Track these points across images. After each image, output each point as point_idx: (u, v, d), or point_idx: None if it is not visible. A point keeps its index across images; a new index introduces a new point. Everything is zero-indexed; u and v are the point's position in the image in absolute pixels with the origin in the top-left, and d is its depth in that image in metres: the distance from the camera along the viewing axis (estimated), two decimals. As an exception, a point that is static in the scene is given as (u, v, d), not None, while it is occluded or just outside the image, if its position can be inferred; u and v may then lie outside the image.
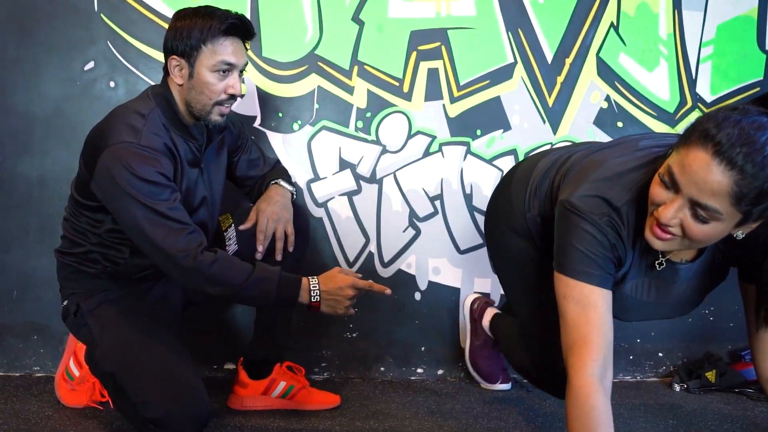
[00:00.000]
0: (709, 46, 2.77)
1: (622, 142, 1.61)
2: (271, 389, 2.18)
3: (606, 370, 1.39)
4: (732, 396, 2.49)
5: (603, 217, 1.42)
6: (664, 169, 1.30)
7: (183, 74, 1.88)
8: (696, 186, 1.23)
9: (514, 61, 2.63)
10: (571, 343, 1.41)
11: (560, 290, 1.45)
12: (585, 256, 1.42)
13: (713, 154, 1.20)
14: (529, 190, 1.75)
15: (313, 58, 2.52)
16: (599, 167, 1.50)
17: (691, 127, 1.28)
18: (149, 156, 1.77)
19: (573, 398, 1.36)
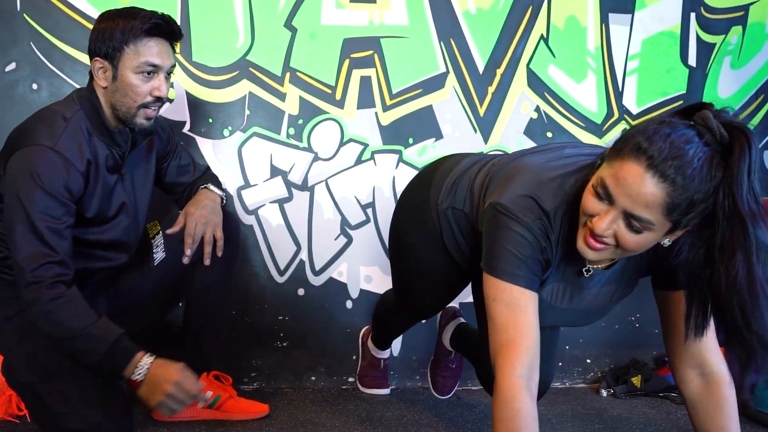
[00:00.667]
0: (635, 60, 2.85)
1: (547, 149, 1.63)
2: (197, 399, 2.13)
3: (533, 373, 1.40)
4: (657, 400, 2.55)
5: (534, 219, 1.43)
6: (597, 180, 1.32)
7: (107, 76, 1.84)
8: (630, 198, 1.26)
9: (446, 70, 2.65)
10: (499, 346, 1.41)
11: (489, 292, 1.45)
12: (515, 257, 1.42)
13: (646, 167, 1.23)
14: (447, 184, 1.75)
15: (245, 64, 2.50)
16: (527, 171, 1.51)
17: (621, 139, 1.31)
18: (59, 164, 1.74)
19: (499, 400, 1.37)
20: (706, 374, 1.53)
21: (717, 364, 1.53)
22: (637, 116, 2.84)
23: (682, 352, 1.55)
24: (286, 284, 2.57)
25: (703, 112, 1.27)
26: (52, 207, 1.73)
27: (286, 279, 2.57)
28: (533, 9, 2.71)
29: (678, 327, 1.54)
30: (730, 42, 2.95)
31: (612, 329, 2.81)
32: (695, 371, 1.55)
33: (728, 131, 1.25)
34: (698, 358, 1.53)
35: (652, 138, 1.24)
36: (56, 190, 1.73)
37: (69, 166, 1.75)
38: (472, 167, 1.73)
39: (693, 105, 1.32)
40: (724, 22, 2.92)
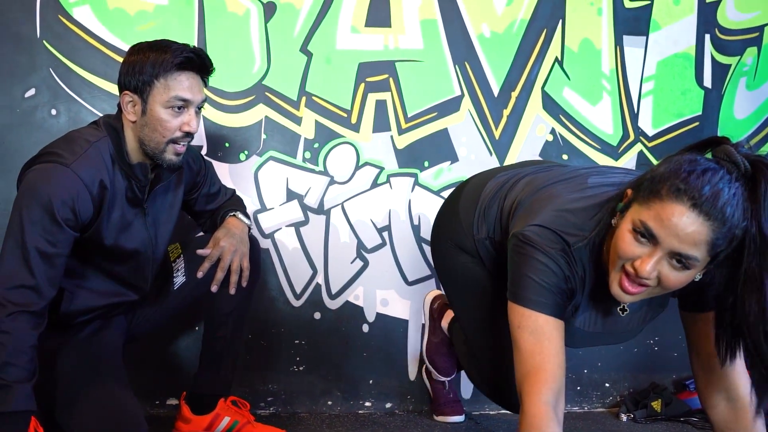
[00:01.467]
0: (650, 82, 2.85)
1: (572, 177, 1.63)
2: (215, 425, 2.12)
3: (559, 399, 1.39)
4: (677, 425, 2.51)
5: (557, 250, 1.44)
6: (635, 223, 1.33)
7: (136, 110, 1.81)
8: (678, 238, 1.28)
9: (461, 93, 2.66)
10: (525, 373, 1.41)
11: (514, 320, 1.45)
12: (539, 285, 1.43)
13: (690, 207, 1.26)
14: (478, 212, 1.76)
15: (261, 89, 2.51)
16: (551, 203, 1.52)
17: (651, 181, 1.32)
18: (70, 184, 1.70)
19: (527, 426, 1.36)
20: (733, 399, 1.51)
21: (744, 387, 1.51)
22: (653, 138, 2.84)
23: (709, 376, 1.54)
24: (302, 308, 2.56)
25: (725, 147, 1.31)
26: (51, 229, 1.69)
27: (302, 303, 2.56)
28: (547, 32, 2.72)
29: (705, 350, 1.53)
30: (745, 63, 2.94)
31: (631, 352, 2.78)
32: (722, 395, 1.53)
33: (751, 164, 1.29)
34: (725, 383, 1.52)
35: (688, 179, 1.27)
36: (61, 210, 1.69)
37: (80, 187, 1.72)
38: (500, 191, 1.74)
39: (707, 140, 1.37)
40: (739, 43, 2.92)
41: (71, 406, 1.79)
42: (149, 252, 1.94)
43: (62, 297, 1.86)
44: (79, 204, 1.72)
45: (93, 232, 1.80)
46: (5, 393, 1.62)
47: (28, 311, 1.67)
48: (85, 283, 1.89)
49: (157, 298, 2.09)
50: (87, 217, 1.76)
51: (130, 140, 1.84)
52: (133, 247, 1.90)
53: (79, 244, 1.79)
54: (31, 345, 1.67)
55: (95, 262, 1.88)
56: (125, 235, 1.87)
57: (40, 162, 1.75)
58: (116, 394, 1.83)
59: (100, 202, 1.78)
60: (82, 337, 1.94)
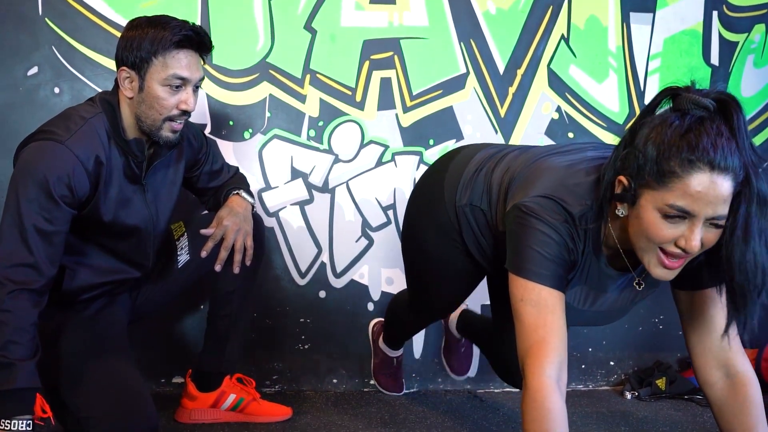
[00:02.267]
0: (657, 59, 2.82)
1: (570, 150, 1.61)
2: (221, 402, 2.13)
3: (562, 372, 1.39)
4: (682, 402, 2.52)
5: (560, 220, 1.43)
6: (663, 210, 1.32)
7: (133, 87, 1.80)
8: (711, 204, 1.28)
9: (466, 71, 2.64)
10: (528, 346, 1.40)
11: (517, 293, 1.44)
12: (542, 257, 1.42)
13: (709, 171, 1.26)
14: (463, 180, 1.74)
15: (265, 66, 2.50)
16: (551, 172, 1.50)
17: (653, 163, 1.30)
18: (65, 160, 1.70)
19: (530, 400, 1.36)
20: (731, 375, 1.51)
21: (742, 364, 1.51)
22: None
23: (705, 354, 1.54)
24: (307, 287, 2.56)
25: (688, 96, 1.32)
26: (47, 207, 1.69)
27: (307, 281, 2.56)
28: (554, 9, 2.69)
29: (701, 328, 1.53)
30: (753, 40, 2.92)
31: (635, 331, 2.78)
32: (720, 372, 1.53)
33: (715, 100, 1.31)
34: (722, 359, 1.52)
35: (690, 145, 1.27)
36: (57, 187, 1.68)
37: (76, 164, 1.71)
38: (488, 161, 1.72)
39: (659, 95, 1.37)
40: (747, 21, 2.89)
41: (77, 383, 1.80)
42: (150, 228, 1.94)
43: (64, 274, 1.86)
44: (75, 180, 1.72)
45: (91, 208, 1.79)
46: (9, 371, 1.63)
47: (29, 289, 1.67)
48: (85, 260, 1.89)
49: (161, 277, 2.09)
50: (84, 194, 1.76)
51: (126, 116, 1.84)
52: (134, 224, 1.89)
53: (78, 221, 1.79)
54: (33, 323, 1.67)
55: (95, 239, 1.88)
56: (125, 212, 1.86)
57: (34, 140, 1.74)
58: (122, 371, 1.84)
59: (96, 179, 1.77)
60: (86, 315, 1.95)
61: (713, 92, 1.32)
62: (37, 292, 1.69)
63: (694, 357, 1.58)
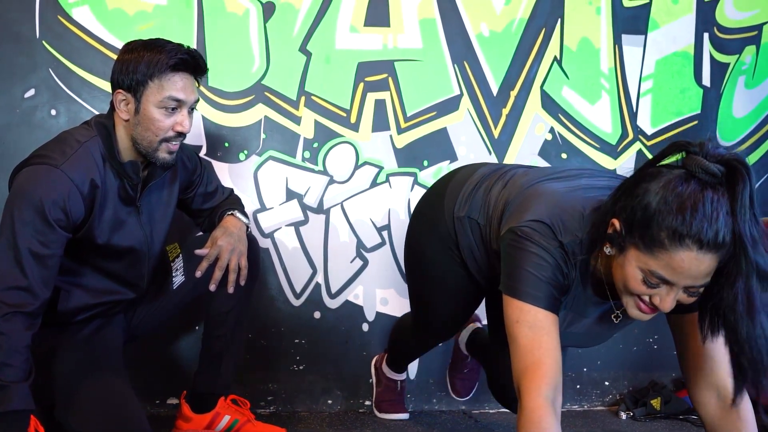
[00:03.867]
0: (649, 81, 2.85)
1: (565, 176, 1.63)
2: (215, 423, 2.12)
3: (557, 394, 1.40)
4: (676, 423, 2.52)
5: (554, 246, 1.44)
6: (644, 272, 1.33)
7: (129, 109, 1.82)
8: (692, 278, 1.30)
9: (460, 93, 2.67)
10: (524, 368, 1.41)
11: (512, 315, 1.45)
12: (537, 279, 1.43)
13: (697, 249, 1.26)
14: (462, 194, 1.76)
15: (260, 88, 2.52)
16: (545, 199, 1.52)
17: (645, 224, 1.31)
18: (60, 185, 1.71)
19: (526, 421, 1.36)
20: (723, 396, 1.51)
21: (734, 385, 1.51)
22: (652, 137, 2.84)
23: (698, 375, 1.55)
24: (302, 307, 2.56)
25: (696, 159, 1.29)
26: (42, 230, 1.69)
27: (302, 302, 2.56)
28: (546, 31, 2.72)
29: (692, 350, 1.54)
30: (744, 62, 2.95)
31: (630, 351, 2.79)
32: (712, 393, 1.54)
33: (724, 165, 1.29)
34: (715, 380, 1.52)
35: (685, 220, 1.26)
36: (52, 211, 1.69)
37: (71, 188, 1.72)
38: (489, 177, 1.74)
39: (669, 147, 1.36)
40: (738, 42, 2.92)
41: (72, 403, 1.80)
42: (145, 249, 1.94)
43: (59, 295, 1.86)
44: (71, 204, 1.73)
45: (85, 231, 1.80)
46: (3, 393, 1.63)
47: (23, 312, 1.67)
48: (80, 282, 1.90)
49: (156, 298, 2.09)
50: (78, 217, 1.77)
51: (122, 139, 1.85)
52: (128, 245, 1.90)
53: (73, 243, 1.79)
54: (26, 345, 1.68)
55: (90, 261, 1.89)
56: (119, 234, 1.87)
57: (30, 164, 1.75)
58: (117, 390, 1.83)
59: (91, 202, 1.78)
60: (82, 336, 1.95)
61: (725, 156, 1.29)
62: (31, 314, 1.69)
63: (686, 378, 1.59)
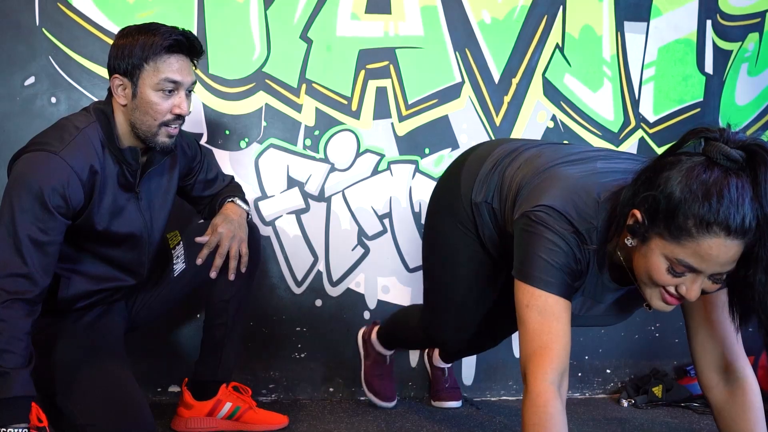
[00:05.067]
0: (651, 68, 2.84)
1: (580, 159, 1.61)
2: (217, 410, 2.13)
3: (563, 379, 1.40)
4: (678, 410, 2.52)
5: (569, 231, 1.44)
6: (671, 261, 1.32)
7: (126, 94, 1.82)
8: (719, 265, 1.30)
9: (461, 80, 2.66)
10: (532, 352, 1.41)
11: (523, 299, 1.45)
12: (549, 264, 1.43)
13: (725, 236, 1.26)
14: (479, 177, 1.75)
15: (261, 76, 2.51)
16: (561, 184, 1.50)
17: (671, 214, 1.30)
18: (60, 171, 1.71)
19: (531, 405, 1.36)
20: (732, 380, 1.51)
21: (743, 368, 1.52)
22: (654, 124, 2.83)
23: (707, 357, 1.54)
24: (303, 295, 2.56)
25: (718, 146, 1.29)
26: (42, 217, 1.69)
27: (303, 290, 2.56)
28: (548, 18, 2.71)
29: (704, 331, 1.53)
30: (746, 49, 2.93)
31: (632, 339, 2.79)
32: (720, 376, 1.54)
33: (745, 151, 1.28)
34: (724, 363, 1.52)
35: (711, 208, 1.25)
36: (52, 198, 1.69)
37: (70, 174, 1.72)
38: (505, 158, 1.73)
39: (689, 134, 1.35)
40: (741, 29, 2.91)
41: (73, 391, 1.80)
42: (145, 236, 1.94)
43: (59, 283, 1.86)
44: (70, 191, 1.73)
45: (84, 218, 1.80)
46: (4, 380, 1.63)
47: (22, 299, 1.67)
48: (80, 268, 1.90)
49: (157, 286, 2.09)
50: (78, 204, 1.76)
51: (121, 124, 1.84)
52: (128, 231, 1.90)
53: (72, 230, 1.79)
54: (27, 332, 1.68)
55: (90, 247, 1.88)
56: (118, 220, 1.87)
57: (29, 151, 1.75)
58: (118, 378, 1.84)
59: (91, 188, 1.78)
60: (83, 324, 1.95)
61: (745, 141, 1.29)
62: (30, 301, 1.69)
63: (696, 360, 1.59)
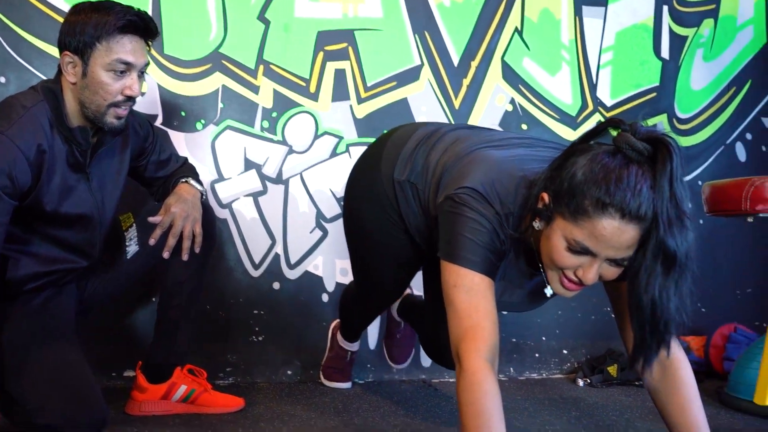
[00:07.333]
0: (609, 52, 2.87)
1: (504, 144, 1.64)
2: (172, 393, 2.11)
3: (495, 356, 1.41)
4: (632, 388, 2.57)
5: (491, 213, 1.46)
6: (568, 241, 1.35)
7: (76, 72, 1.78)
8: (614, 248, 1.32)
9: (420, 63, 2.66)
10: (463, 331, 1.42)
11: (450, 279, 1.46)
12: (474, 244, 1.45)
13: (620, 218, 1.29)
14: (402, 156, 1.75)
15: (218, 57, 2.48)
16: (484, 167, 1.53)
17: (572, 194, 1.33)
18: (6, 151, 1.67)
19: (467, 383, 1.37)
20: (662, 360, 1.53)
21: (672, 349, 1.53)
22: (611, 108, 2.87)
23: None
24: (261, 278, 2.55)
25: (625, 136, 1.33)
26: None
27: (261, 273, 2.55)
28: (507, 2, 2.73)
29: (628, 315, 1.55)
30: (702, 35, 2.98)
31: (588, 320, 2.82)
32: None
33: (651, 144, 1.31)
34: None
35: (609, 189, 1.29)
36: None
37: (17, 154, 1.68)
38: (428, 139, 1.74)
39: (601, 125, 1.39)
40: (696, 15, 2.95)
41: (22, 374, 1.76)
42: (96, 217, 1.91)
43: (7, 264, 1.82)
44: (17, 171, 1.69)
45: (33, 198, 1.76)
46: None
47: None
48: (30, 250, 1.86)
49: (110, 268, 2.06)
50: (25, 184, 1.72)
51: (70, 103, 1.81)
52: (79, 212, 1.86)
53: (21, 211, 1.75)
54: None
55: (39, 229, 1.85)
56: (68, 201, 1.83)
57: None
58: (69, 360, 1.80)
59: (38, 168, 1.74)
60: (32, 306, 1.91)
61: (654, 134, 1.32)
62: None
63: (627, 344, 1.61)
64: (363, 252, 1.97)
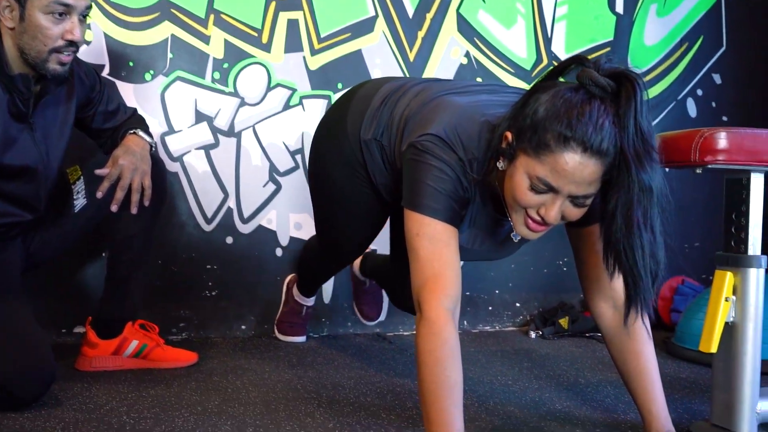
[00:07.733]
0: (564, 6, 2.86)
1: (466, 90, 1.63)
2: (123, 348, 2.08)
3: (456, 305, 1.42)
4: (583, 340, 2.62)
5: (454, 159, 1.44)
6: (530, 177, 1.34)
7: (13, 16, 1.70)
8: (575, 184, 1.31)
9: (375, 14, 2.61)
10: (425, 279, 1.42)
11: (413, 228, 1.45)
12: (437, 192, 1.43)
13: (582, 152, 1.28)
14: (368, 114, 1.73)
15: (166, 5, 2.41)
16: (444, 112, 1.51)
17: (534, 129, 1.32)
18: None
19: (427, 332, 1.37)
20: (619, 306, 1.56)
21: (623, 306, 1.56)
22: (566, 63, 2.86)
23: (595, 286, 1.59)
24: (213, 233, 2.51)
25: (588, 72, 1.32)
26: None
27: (213, 227, 2.51)
28: (463, -48, 2.69)
29: (590, 261, 1.57)
30: (655, -10, 2.98)
31: (540, 273, 2.86)
32: (608, 304, 1.58)
33: (614, 79, 1.31)
34: (611, 291, 1.56)
35: (571, 123, 1.28)
36: None
37: None
38: (393, 95, 1.71)
39: (566, 62, 1.39)
40: (651, -30, 2.95)
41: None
42: (41, 169, 1.85)
43: None
44: None
45: None
46: None
47: None
48: None
49: (56, 222, 2.01)
50: None
51: (9, 49, 1.73)
52: (22, 164, 1.80)
53: None
54: None
55: None
56: (11, 152, 1.77)
57: None
58: (15, 316, 1.76)
59: None
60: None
61: (617, 70, 1.31)
62: None
63: (585, 290, 1.63)
64: (329, 208, 1.95)
